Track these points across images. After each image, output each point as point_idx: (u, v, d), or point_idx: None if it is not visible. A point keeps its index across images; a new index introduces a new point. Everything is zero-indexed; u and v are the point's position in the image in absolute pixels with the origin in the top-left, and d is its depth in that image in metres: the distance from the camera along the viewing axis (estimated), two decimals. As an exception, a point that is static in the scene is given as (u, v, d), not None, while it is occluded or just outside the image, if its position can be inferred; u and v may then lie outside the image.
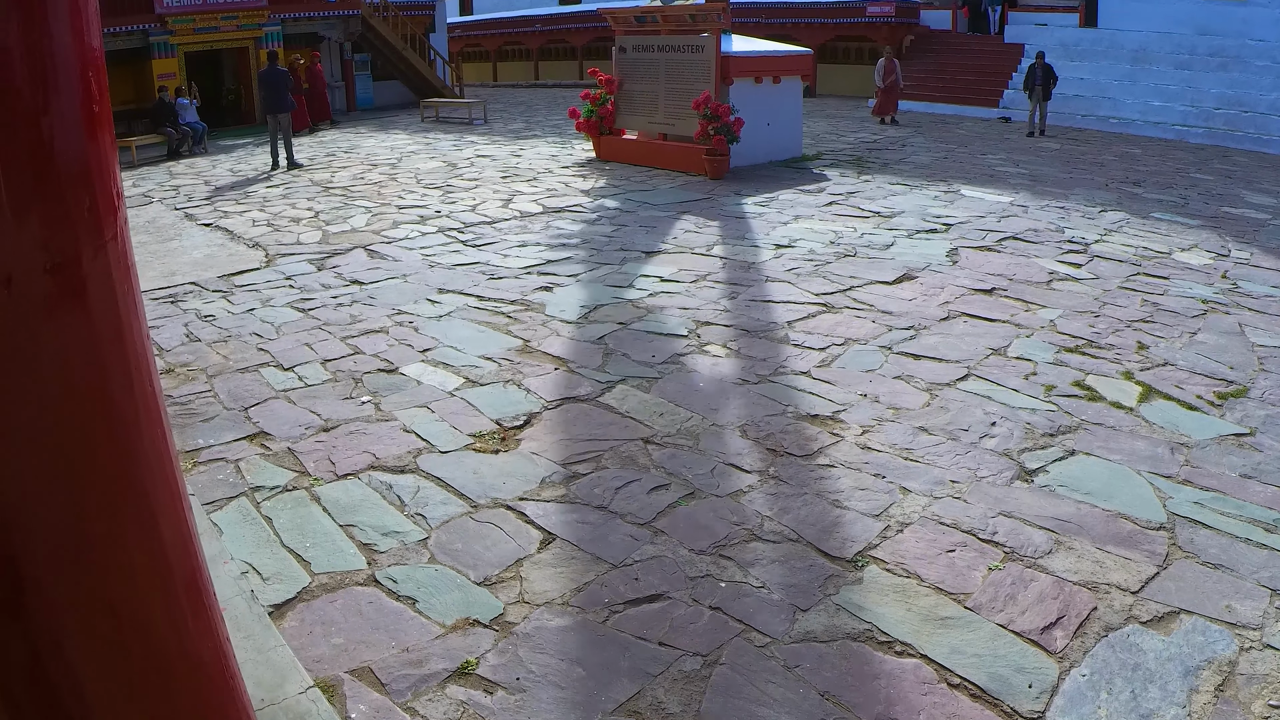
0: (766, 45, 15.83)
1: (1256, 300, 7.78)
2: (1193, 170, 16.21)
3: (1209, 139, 21.62)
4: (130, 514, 2.06)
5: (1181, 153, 18.95)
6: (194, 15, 24.88)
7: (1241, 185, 14.79)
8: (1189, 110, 22.77)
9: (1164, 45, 25.57)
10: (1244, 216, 11.89)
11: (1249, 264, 9.21)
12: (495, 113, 25.52)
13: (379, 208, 12.04)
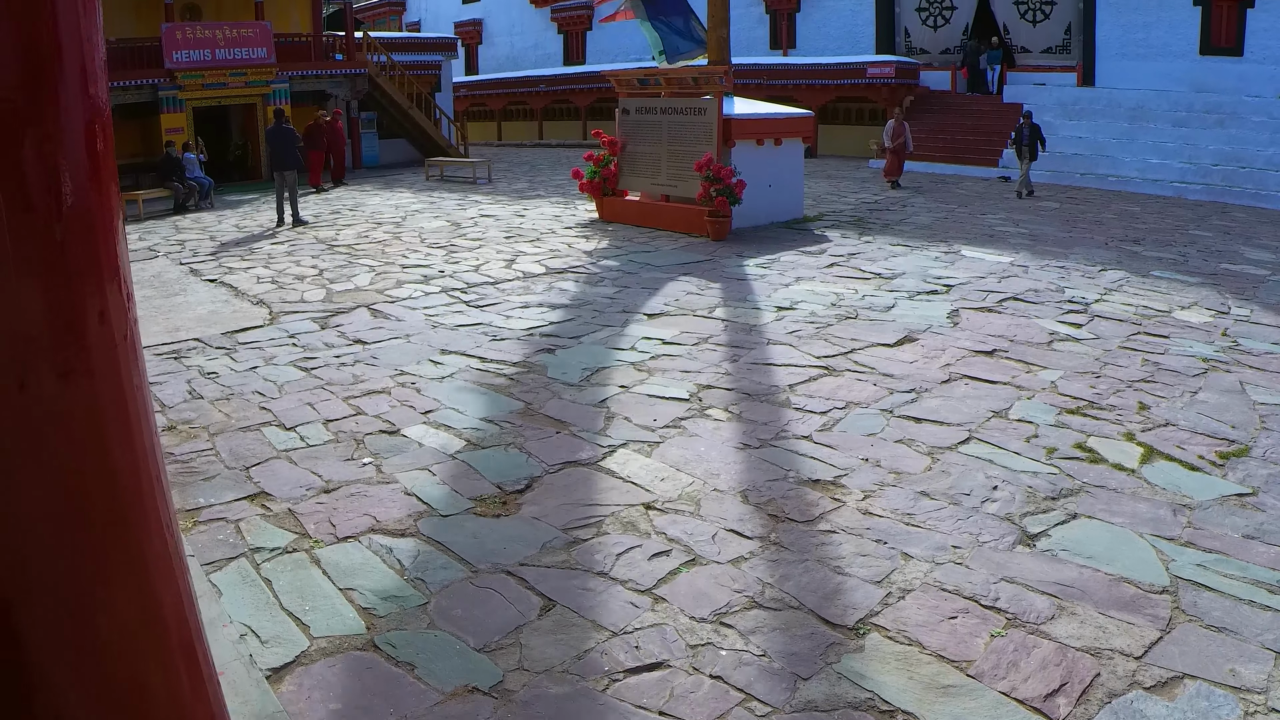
0: (768, 108, 15.99)
1: (1257, 357, 7.82)
2: (1191, 227, 16.34)
3: (1207, 195, 21.82)
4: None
5: (1180, 209, 19.12)
6: (203, 71, 25.19)
7: (1240, 241, 14.91)
8: (1187, 167, 23.01)
9: (1161, 103, 25.88)
10: (1243, 273, 11.99)
11: (1249, 321, 9.27)
12: (499, 172, 25.71)
13: (383, 266, 12.11)
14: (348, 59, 29.26)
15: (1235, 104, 24.90)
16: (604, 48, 41.38)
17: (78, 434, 1.91)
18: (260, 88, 26.47)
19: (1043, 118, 26.66)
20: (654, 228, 14.91)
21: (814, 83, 30.52)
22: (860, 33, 33.43)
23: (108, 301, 1.93)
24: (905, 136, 21.20)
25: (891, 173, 21.30)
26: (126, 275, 2.03)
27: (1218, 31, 26.54)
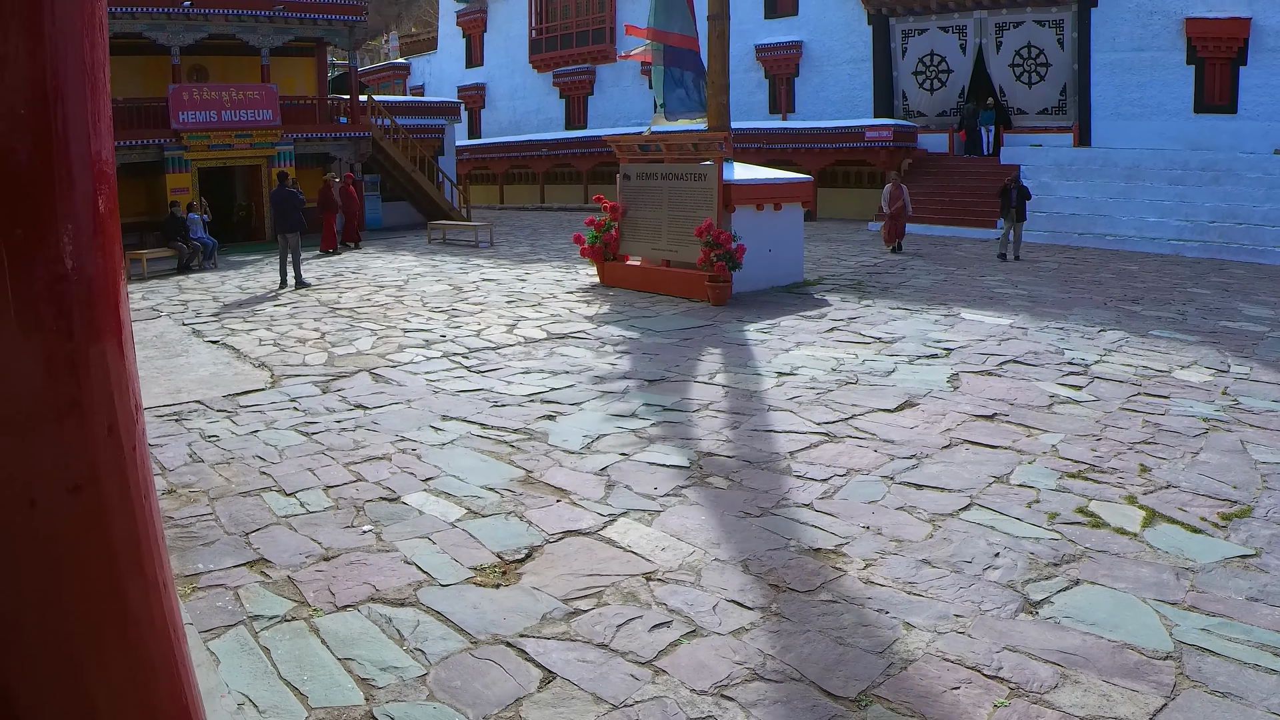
0: (767, 173, 16.14)
1: (1257, 416, 7.83)
2: (1190, 284, 16.43)
3: (1205, 252, 21.99)
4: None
5: (1178, 267, 19.22)
6: (208, 132, 25.48)
7: (1238, 298, 14.99)
8: (1184, 224, 23.20)
9: (1157, 161, 26.15)
10: (1242, 330, 12.05)
11: (1249, 379, 9.30)
12: (501, 236, 25.86)
13: (385, 330, 12.16)
14: (352, 122, 29.56)
15: (1230, 161, 25.17)
16: (605, 112, 41.85)
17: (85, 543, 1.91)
18: (265, 149, 26.77)
19: (1040, 178, 26.97)
20: (655, 292, 14.98)
21: (813, 146, 30.83)
22: (858, 97, 33.81)
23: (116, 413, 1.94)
24: (904, 200, 20.90)
25: (891, 237, 21.02)
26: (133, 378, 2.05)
27: (1211, 90, 26.90)
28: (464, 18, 49.72)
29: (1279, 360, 10.26)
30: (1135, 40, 28.08)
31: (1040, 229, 24.79)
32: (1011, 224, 19.95)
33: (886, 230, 21.14)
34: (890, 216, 20.91)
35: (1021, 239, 20.39)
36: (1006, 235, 20.08)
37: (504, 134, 45.77)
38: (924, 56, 32.78)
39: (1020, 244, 20.19)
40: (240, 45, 27.49)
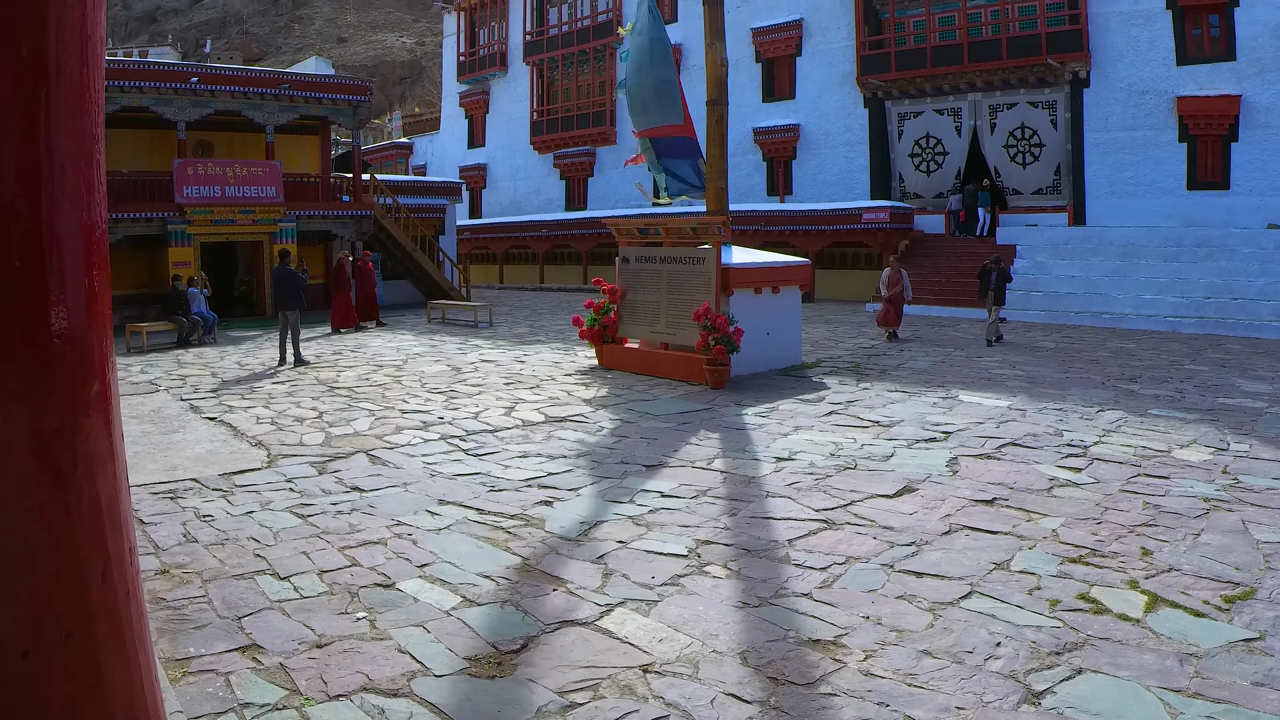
0: (766, 256, 16.25)
1: (1258, 494, 7.82)
2: (1187, 362, 16.52)
3: (1201, 328, 22.16)
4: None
5: (1175, 344, 19.33)
6: (212, 207, 25.73)
7: (1236, 374, 15.07)
8: (1180, 301, 23.41)
9: (1152, 239, 26.48)
10: (1240, 406, 12.10)
11: (1248, 456, 9.30)
12: (500, 316, 25.98)
13: (383, 411, 12.15)
14: (354, 200, 29.85)
15: (1224, 237, 25.51)
16: (605, 193, 42.30)
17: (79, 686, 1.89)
18: (268, 225, 27.00)
19: (1035, 258, 27.27)
20: (653, 375, 15.01)
21: (810, 228, 31.15)
22: (855, 179, 34.27)
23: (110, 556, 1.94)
24: (903, 284, 20.23)
25: (888, 322, 20.31)
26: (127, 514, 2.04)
27: (1204, 166, 27.37)
28: (467, 99, 50.47)
29: (1278, 436, 10.27)
30: (1127, 119, 28.59)
31: (1037, 308, 24.99)
32: (988, 307, 19.72)
33: (883, 315, 20.40)
34: (888, 301, 20.22)
35: (999, 321, 19.91)
36: (994, 320, 19.65)
37: (505, 214, 46.24)
38: (920, 139, 33.31)
39: (998, 326, 19.66)
40: (245, 122, 27.88)
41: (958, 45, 31.51)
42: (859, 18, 33.94)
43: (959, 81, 31.85)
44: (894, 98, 33.80)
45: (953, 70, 31.54)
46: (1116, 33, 28.90)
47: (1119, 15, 28.87)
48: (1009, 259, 27.51)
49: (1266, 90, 26.28)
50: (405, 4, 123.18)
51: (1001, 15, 31.08)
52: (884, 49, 33.34)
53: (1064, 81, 30.10)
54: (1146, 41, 28.39)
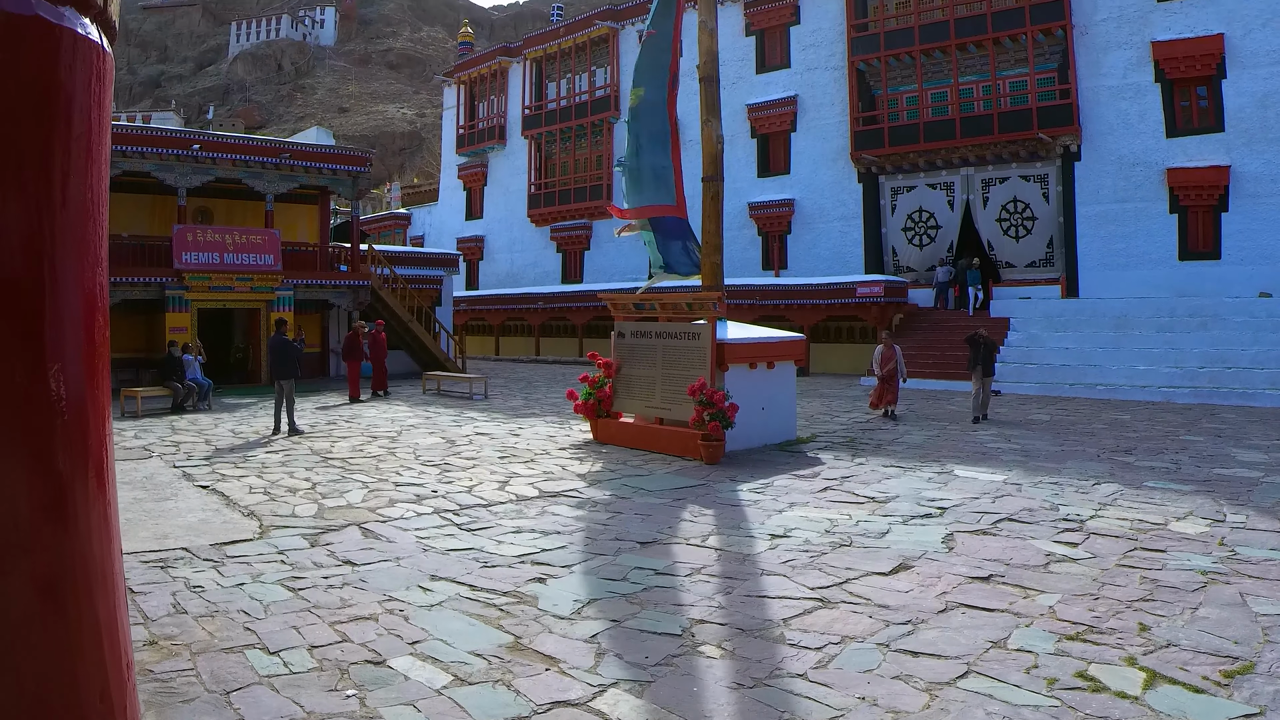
0: (761, 332, 16.32)
1: (1255, 566, 7.79)
2: (1182, 432, 16.52)
3: (1195, 398, 22.24)
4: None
5: (1170, 414, 19.34)
6: (210, 273, 25.89)
7: (1231, 443, 15.09)
8: (1174, 371, 23.51)
9: (1144, 310, 26.67)
10: (1236, 476, 12.09)
11: (1245, 527, 9.29)
12: (496, 388, 25.98)
13: (376, 483, 12.11)
14: (352, 270, 30.03)
15: (1217, 306, 25.71)
16: (601, 266, 42.56)
17: None
18: (265, 293, 27.14)
19: (1029, 330, 27.43)
20: (648, 450, 14.98)
21: (805, 302, 31.31)
22: (849, 252, 34.55)
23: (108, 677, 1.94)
24: (896, 361, 19.53)
25: (884, 401, 19.56)
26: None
27: (1195, 237, 27.69)
28: (465, 171, 50.97)
29: (1274, 506, 10.27)
30: (1119, 192, 28.98)
31: (1031, 380, 25.06)
32: (979, 380, 19.01)
33: (877, 395, 19.71)
34: (882, 379, 19.56)
35: (989, 399, 19.36)
36: (977, 394, 19.08)
37: (501, 285, 46.48)
38: (913, 213, 33.67)
39: (988, 402, 19.22)
40: (246, 189, 28.18)
41: (950, 120, 31.98)
42: (853, 94, 34.46)
43: (951, 156, 32.29)
44: (887, 172, 34.21)
45: (945, 145, 31.99)
46: (1107, 106, 29.38)
47: (1109, 89, 29.38)
48: (1002, 332, 27.67)
49: (1255, 160, 26.70)
50: (406, 76, 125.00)
51: (993, 91, 31.60)
52: (877, 125, 33.81)
53: (1055, 155, 30.53)
54: (1136, 114, 28.87)
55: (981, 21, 31.78)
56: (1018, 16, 31.06)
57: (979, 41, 31.81)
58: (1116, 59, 29.40)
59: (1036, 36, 30.77)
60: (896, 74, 34.28)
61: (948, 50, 32.45)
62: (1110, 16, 29.59)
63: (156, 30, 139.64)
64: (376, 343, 24.75)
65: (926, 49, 32.84)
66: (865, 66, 34.62)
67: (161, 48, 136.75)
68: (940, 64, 33.11)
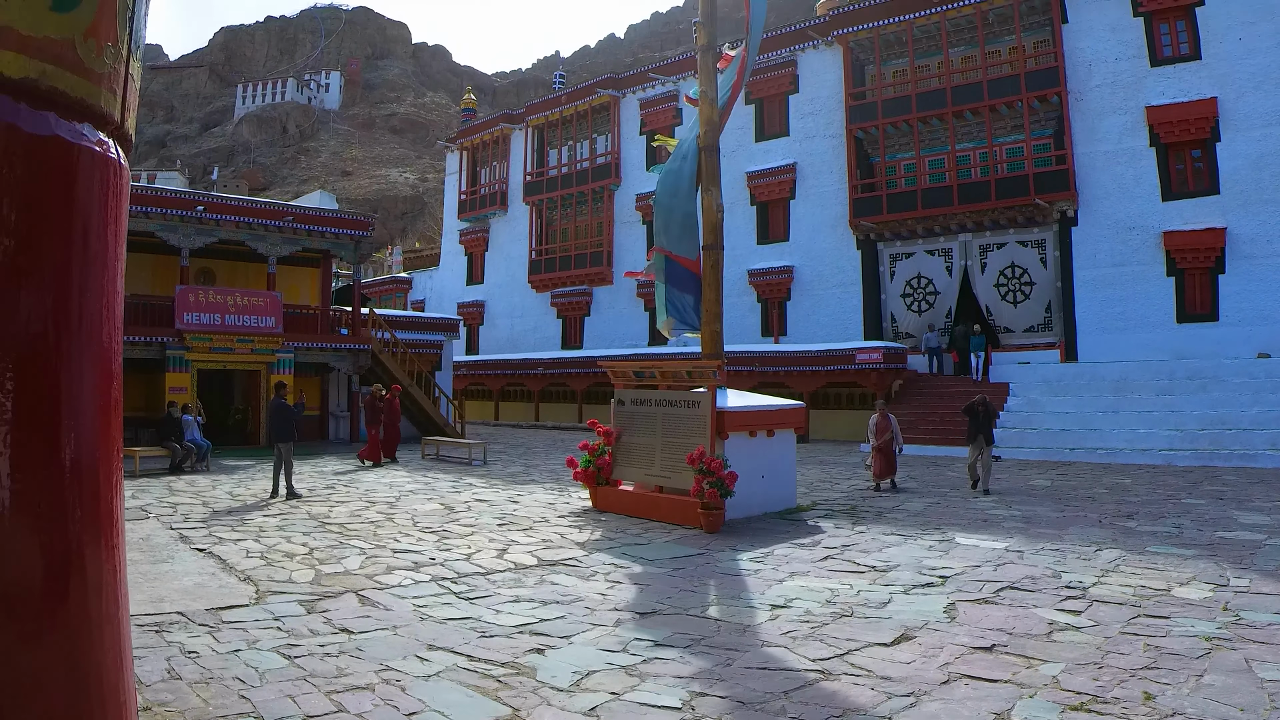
0: (760, 399, 16.33)
1: (1260, 630, 7.72)
2: (1183, 495, 16.51)
3: (1196, 460, 22.23)
4: None
5: (1171, 478, 19.31)
6: (211, 334, 26.00)
7: (1233, 506, 15.07)
8: (1174, 434, 23.54)
9: (1143, 373, 26.78)
10: (1239, 540, 12.05)
11: (1248, 591, 9.23)
12: (495, 454, 25.93)
13: (374, 550, 12.04)
14: (353, 334, 30.11)
15: (1215, 368, 25.82)
16: (601, 333, 42.70)
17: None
18: (266, 355, 27.23)
19: (1029, 395, 27.49)
20: (648, 518, 14.91)
21: (805, 369, 31.37)
22: (848, 319, 34.70)
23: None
24: (892, 431, 18.75)
25: (881, 473, 18.72)
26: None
27: (1192, 299, 27.87)
28: (466, 236, 51.31)
29: (1278, 569, 10.22)
30: (1116, 255, 29.21)
31: (1031, 445, 25.05)
32: (980, 450, 18.11)
33: (878, 467, 18.78)
34: (878, 450, 18.73)
35: (991, 467, 18.52)
36: (974, 464, 18.24)
37: (501, 351, 46.59)
38: (911, 279, 33.88)
39: (990, 473, 18.35)
40: (249, 251, 28.38)
41: (947, 187, 32.31)
42: (851, 162, 34.84)
43: (949, 222, 32.56)
44: (885, 239, 34.47)
45: (943, 212, 32.30)
46: (1103, 171, 29.72)
47: (1104, 154, 29.74)
48: (1002, 397, 27.69)
49: (1250, 222, 26.97)
50: (409, 141, 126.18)
51: (990, 157, 31.96)
52: (875, 192, 34.14)
53: (1052, 220, 30.80)
54: (1132, 179, 29.19)
55: (978, 89, 32.22)
56: (1013, 84, 31.51)
57: (975, 109, 32.22)
58: (1112, 124, 29.79)
59: (1032, 103, 31.20)
60: (894, 141, 34.67)
61: (944, 118, 32.86)
62: (1105, 82, 30.03)
63: (163, 90, 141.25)
64: (391, 409, 24.73)
65: (924, 116, 33.25)
66: (863, 134, 35.02)
67: (168, 108, 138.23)
68: (937, 131, 33.52)
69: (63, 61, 1.96)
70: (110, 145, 2.13)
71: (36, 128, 1.93)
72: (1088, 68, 30.45)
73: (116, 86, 2.14)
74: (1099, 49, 30.38)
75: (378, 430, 23.54)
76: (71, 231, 2.01)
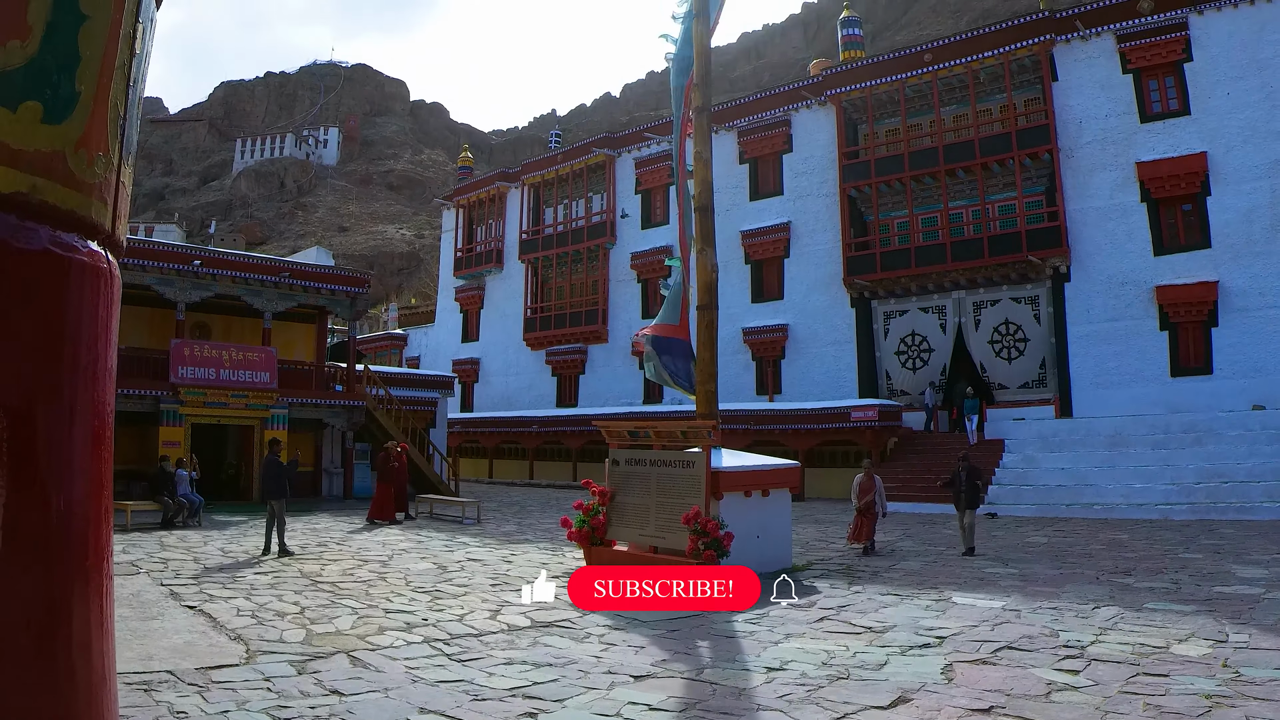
0: (755, 459, 16.29)
1: (1260, 687, 7.66)
2: (1181, 550, 16.44)
3: (1193, 514, 22.21)
4: None
5: (1168, 532, 19.29)
6: (205, 389, 25.96)
7: (1231, 559, 15.04)
8: (1170, 488, 23.51)
9: (1139, 427, 26.82)
10: (1237, 594, 11.99)
11: (1248, 647, 9.15)
12: (489, 512, 25.81)
13: (366, 609, 11.93)
14: (347, 390, 30.10)
15: (1211, 421, 25.83)
16: (596, 391, 42.70)
17: None
18: (260, 411, 27.19)
19: (1025, 451, 27.48)
20: (643, 578, 14.77)
21: (799, 427, 31.38)
22: (843, 377, 34.76)
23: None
24: (876, 492, 17.81)
25: (859, 536, 17.84)
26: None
27: (1186, 352, 28.00)
28: (462, 293, 51.47)
29: (1277, 624, 10.16)
30: (1109, 311, 29.36)
31: (1028, 502, 24.99)
32: (962, 511, 17.40)
33: (854, 530, 17.99)
34: (859, 512, 17.82)
35: (974, 528, 17.64)
36: (962, 523, 17.53)
37: (496, 408, 46.52)
38: (905, 336, 34.01)
39: (973, 533, 17.47)
40: (245, 306, 28.42)
41: (940, 245, 32.57)
42: (844, 220, 35.09)
43: (943, 280, 32.76)
44: (880, 297, 34.63)
45: (936, 269, 32.52)
46: (1095, 227, 29.98)
47: (1096, 210, 30.02)
48: (997, 454, 27.66)
49: (1242, 274, 27.17)
50: (406, 197, 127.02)
51: (982, 215, 32.25)
52: (869, 250, 34.38)
53: (1045, 276, 31.00)
54: (1124, 234, 29.45)
55: (970, 147, 32.56)
56: (1005, 142, 31.86)
57: (968, 167, 32.56)
58: (1103, 180, 30.10)
59: (1024, 161, 31.52)
60: (887, 200, 34.95)
61: (937, 176, 33.18)
62: (1095, 139, 30.38)
63: (163, 143, 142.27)
64: (401, 466, 24.66)
65: (916, 175, 33.58)
66: (856, 193, 35.31)
67: (167, 160, 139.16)
68: (930, 189, 33.81)
69: (54, 174, 2.00)
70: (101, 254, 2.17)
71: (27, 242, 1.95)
72: (1078, 125, 30.82)
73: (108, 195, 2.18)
74: (1089, 106, 30.79)
75: (391, 488, 23.46)
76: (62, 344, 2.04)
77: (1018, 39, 32.09)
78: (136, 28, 2.26)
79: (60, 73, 2.01)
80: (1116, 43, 30.45)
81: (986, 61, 32.60)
